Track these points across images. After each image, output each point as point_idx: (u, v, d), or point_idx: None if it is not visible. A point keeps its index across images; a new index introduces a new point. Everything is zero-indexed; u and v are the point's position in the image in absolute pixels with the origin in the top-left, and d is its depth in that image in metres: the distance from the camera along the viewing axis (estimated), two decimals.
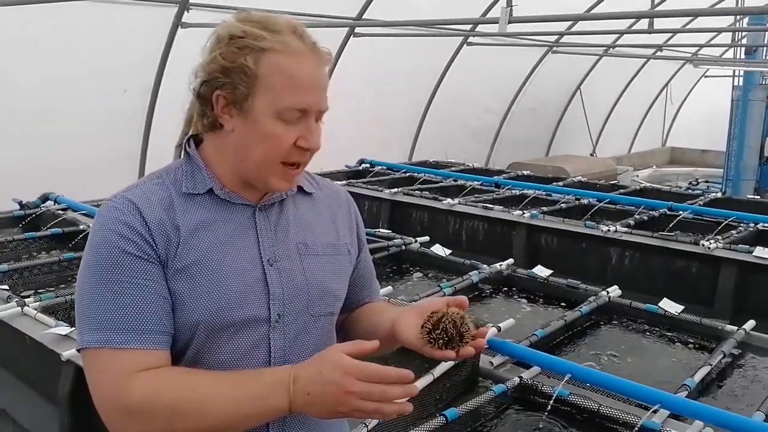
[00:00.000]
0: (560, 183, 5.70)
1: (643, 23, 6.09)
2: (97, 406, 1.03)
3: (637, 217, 4.33)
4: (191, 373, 1.05)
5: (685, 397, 1.91)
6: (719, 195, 6.11)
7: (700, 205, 4.71)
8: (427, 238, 3.68)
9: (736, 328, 2.45)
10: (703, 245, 3.59)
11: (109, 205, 1.09)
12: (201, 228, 1.10)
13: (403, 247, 3.51)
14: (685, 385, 1.98)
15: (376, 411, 0.99)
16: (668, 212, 4.46)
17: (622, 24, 8.17)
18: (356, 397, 0.98)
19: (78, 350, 1.06)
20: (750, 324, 2.47)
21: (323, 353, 1.03)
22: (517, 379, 1.99)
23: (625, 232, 3.92)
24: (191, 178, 1.14)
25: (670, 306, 2.62)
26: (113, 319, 1.02)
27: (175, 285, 1.07)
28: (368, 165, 6.33)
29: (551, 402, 1.86)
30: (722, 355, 2.25)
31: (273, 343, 1.12)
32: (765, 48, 8.73)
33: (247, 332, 1.10)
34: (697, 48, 10.27)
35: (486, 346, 1.61)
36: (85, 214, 3.81)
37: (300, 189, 1.24)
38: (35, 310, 2.36)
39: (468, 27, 7.12)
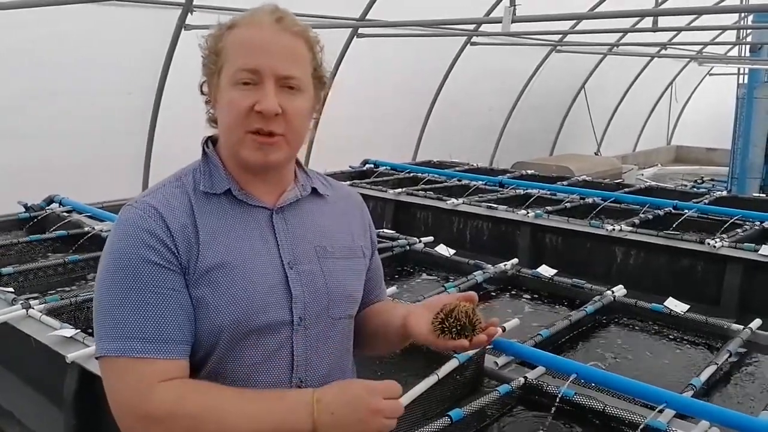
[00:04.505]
0: (565, 182, 5.69)
1: (647, 21, 6.07)
2: (115, 414, 1.02)
3: (642, 216, 4.31)
4: (212, 387, 1.04)
5: (691, 396, 1.90)
6: (724, 193, 6.09)
7: (705, 204, 4.70)
8: (431, 239, 3.67)
9: (742, 327, 2.44)
10: (709, 244, 3.58)
11: (131, 211, 1.07)
12: (220, 231, 1.09)
13: (407, 248, 3.50)
14: (691, 384, 1.97)
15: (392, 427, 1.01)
16: (673, 211, 4.44)
17: (626, 22, 8.15)
18: (382, 415, 0.99)
19: (96, 358, 1.05)
20: (756, 323, 2.46)
21: (346, 380, 1.06)
22: (521, 380, 1.99)
23: (630, 231, 3.91)
24: (209, 177, 1.13)
25: (675, 305, 2.60)
26: (134, 327, 1.01)
27: (197, 291, 1.05)
28: (372, 165, 6.32)
29: (556, 402, 1.86)
30: (728, 354, 2.24)
31: (296, 347, 1.11)
32: None
33: (270, 336, 1.09)
34: (702, 46, 10.22)
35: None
36: (90, 217, 3.81)
37: (314, 191, 1.23)
38: (40, 312, 2.37)
39: (471, 27, 7.11)
